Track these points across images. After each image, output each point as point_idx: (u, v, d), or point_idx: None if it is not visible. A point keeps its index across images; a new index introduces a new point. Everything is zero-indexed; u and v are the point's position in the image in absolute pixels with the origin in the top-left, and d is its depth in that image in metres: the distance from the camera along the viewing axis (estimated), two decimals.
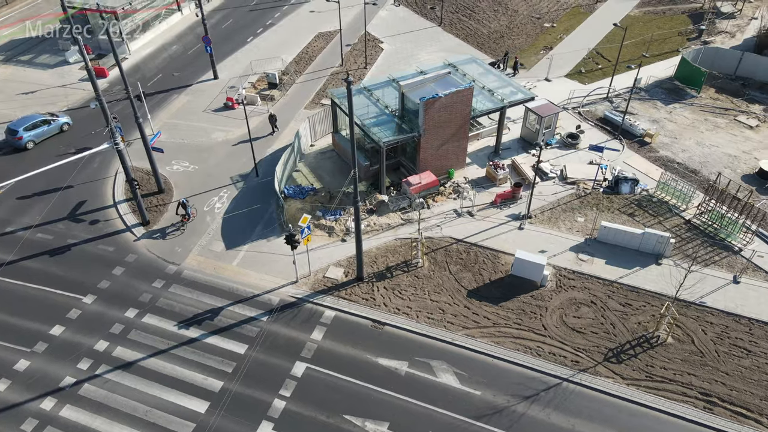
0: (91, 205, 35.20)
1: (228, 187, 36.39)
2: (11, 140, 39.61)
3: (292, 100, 45.03)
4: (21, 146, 39.63)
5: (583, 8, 58.81)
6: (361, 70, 48.84)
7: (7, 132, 39.86)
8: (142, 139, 33.34)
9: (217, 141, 40.58)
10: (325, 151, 39.21)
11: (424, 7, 59.69)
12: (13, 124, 40.13)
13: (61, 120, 41.58)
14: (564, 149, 38.35)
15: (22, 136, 39.49)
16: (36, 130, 40.20)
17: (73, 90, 46.69)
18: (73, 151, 39.62)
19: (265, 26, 56.96)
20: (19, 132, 39.47)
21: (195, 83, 47.57)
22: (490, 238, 31.95)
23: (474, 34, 54.25)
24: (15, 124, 40.20)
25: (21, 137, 39.46)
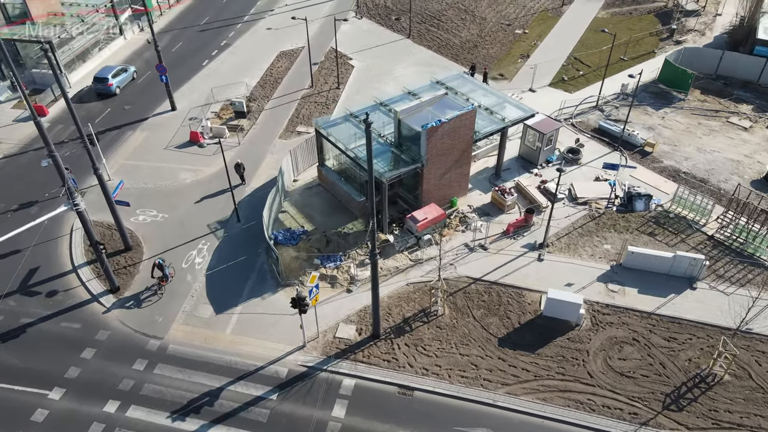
0: (46, 272, 30.06)
1: (207, 237, 32.05)
2: (102, 87, 44.81)
3: (264, 130, 40.93)
4: (111, 92, 44.89)
5: (550, 12, 57.42)
6: (334, 91, 45.28)
7: (96, 80, 44.97)
8: (103, 192, 28.61)
9: (186, 183, 36.02)
10: (310, 185, 35.41)
11: (388, 18, 56.73)
12: (100, 73, 45.35)
13: (131, 69, 47.29)
14: (566, 165, 36.22)
15: (112, 83, 44.83)
16: (119, 77, 45.61)
17: (7, 132, 40.82)
18: (15, 207, 34.28)
19: (220, 47, 52.37)
20: (108, 79, 44.62)
21: (151, 116, 42.61)
22: (510, 273, 29.18)
23: (446, 44, 51.68)
24: (102, 72, 45.46)
25: (111, 83, 44.78)
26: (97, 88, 44.83)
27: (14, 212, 34.00)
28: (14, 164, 37.81)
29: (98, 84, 44.73)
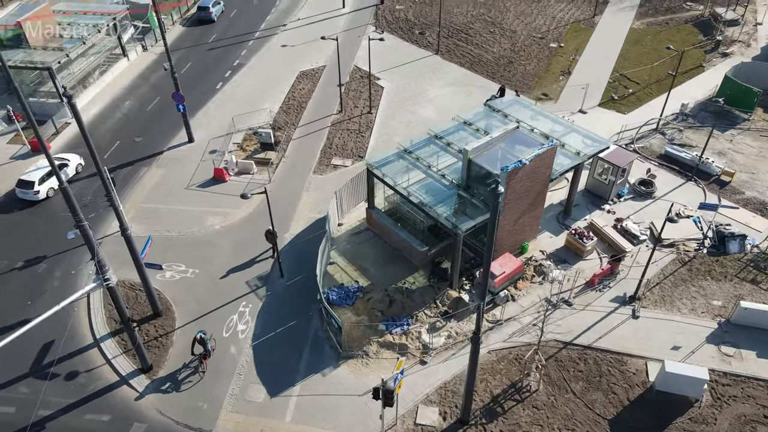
0: (62, 347, 25.61)
1: (247, 297, 27.90)
2: (204, 15, 53.80)
3: (295, 163, 36.82)
4: (212, 19, 53.79)
5: (582, 23, 54.11)
6: (366, 116, 41.32)
7: (199, 9, 53.96)
8: (131, 255, 24.34)
9: (215, 230, 31.81)
10: (358, 230, 31.37)
11: (412, 33, 52.93)
12: (203, 3, 54.10)
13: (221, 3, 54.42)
14: (639, 200, 32.74)
15: (212, 11, 53.77)
16: (217, 6, 54.24)
17: (4, 172, 36.13)
18: (20, 264, 29.80)
19: (233, 68, 48.13)
20: (209, 7, 53.31)
21: (166, 150, 38.30)
22: (604, 335, 25.45)
23: (478, 60, 48.01)
24: (204, 2, 54.12)
25: (211, 11, 53.87)
26: (200, 16, 53.79)
27: (20, 270, 29.52)
28: (16, 209, 33.20)
29: (201, 12, 53.61)
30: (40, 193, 33.27)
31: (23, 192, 33.18)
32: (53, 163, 20.39)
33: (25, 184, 33.12)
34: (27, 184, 33.11)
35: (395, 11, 57.19)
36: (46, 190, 33.46)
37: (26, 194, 33.17)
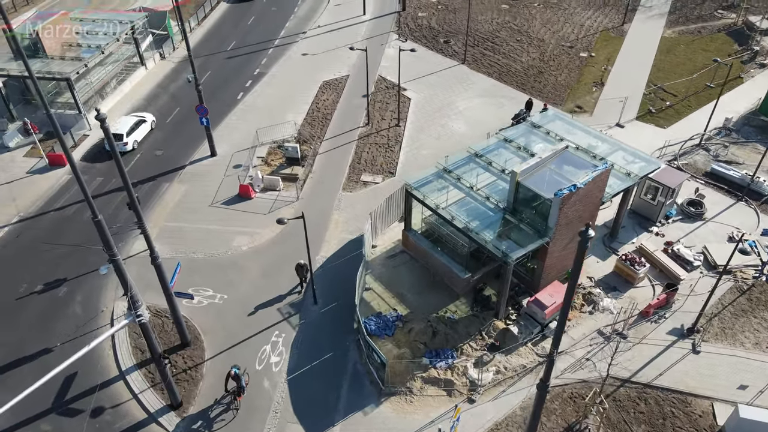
0: (86, 380, 24.07)
1: (279, 326, 26.35)
2: None
3: (323, 180, 35.31)
4: None
5: (612, 32, 52.49)
6: (394, 129, 39.79)
7: None
8: (161, 283, 22.85)
9: (242, 251, 30.31)
10: (393, 253, 29.77)
11: (436, 41, 51.42)
12: None
13: None
14: (687, 221, 31.09)
15: None
16: None
17: (21, 187, 34.83)
18: (39, 288, 28.35)
19: (254, 77, 46.72)
20: None
21: (188, 164, 36.88)
22: (664, 372, 23.76)
23: (507, 71, 46.44)
24: None
25: None
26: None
27: (39, 294, 28.08)
28: (33, 229, 31.79)
29: None
30: (128, 145, 37.40)
31: None
32: (80, 178, 18.94)
33: (115, 137, 35.15)
34: (116, 137, 36.36)
35: (418, 18, 55.74)
36: (132, 142, 37.64)
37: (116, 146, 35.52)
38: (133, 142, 37.74)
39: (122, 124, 37.91)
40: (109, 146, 18.81)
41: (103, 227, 18.17)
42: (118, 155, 18.81)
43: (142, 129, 38.80)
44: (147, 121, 39.44)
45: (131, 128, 37.79)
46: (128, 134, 37.40)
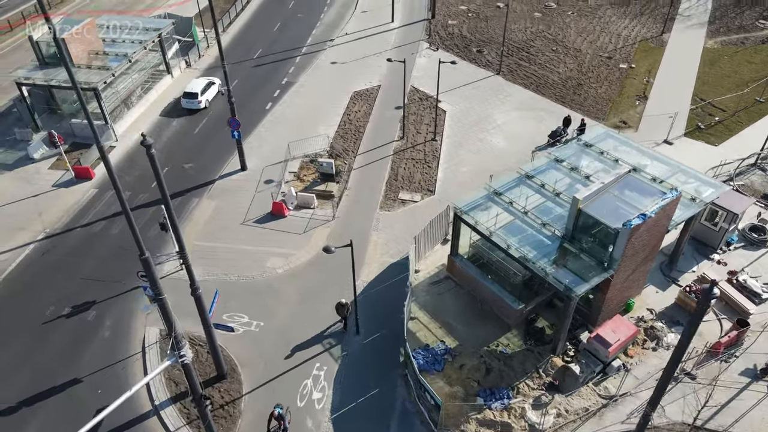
0: (117, 415, 22.50)
1: (320, 357, 24.83)
2: None
3: (359, 197, 33.78)
4: None
5: (651, 42, 50.63)
6: (430, 143, 38.23)
7: None
8: (200, 315, 21.41)
9: (278, 274, 28.85)
10: (437, 278, 28.17)
11: (469, 50, 49.82)
12: None
13: None
14: (750, 248, 29.23)
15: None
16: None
17: (47, 201, 33.61)
18: (67, 311, 27.01)
19: (282, 86, 45.38)
20: None
21: (218, 179, 35.54)
22: (739, 419, 21.96)
23: (544, 82, 44.74)
24: None
25: None
26: None
27: (67, 318, 26.75)
28: (61, 246, 30.48)
29: None
30: (201, 103, 41.72)
31: (189, 102, 41.58)
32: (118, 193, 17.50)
33: (190, 95, 41.57)
34: (191, 95, 41.58)
35: (448, 26, 54.19)
36: (204, 100, 41.88)
37: (191, 103, 41.58)
38: (205, 100, 42.01)
39: (195, 84, 42.36)
40: (154, 172, 17.43)
41: (150, 266, 16.72)
42: (162, 178, 17.47)
43: (212, 90, 42.89)
44: (215, 84, 43.46)
45: (203, 88, 42.08)
46: (201, 93, 41.79)
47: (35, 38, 38.00)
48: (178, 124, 40.59)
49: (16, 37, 53.54)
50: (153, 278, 16.39)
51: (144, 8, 60.14)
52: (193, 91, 41.69)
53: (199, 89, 41.77)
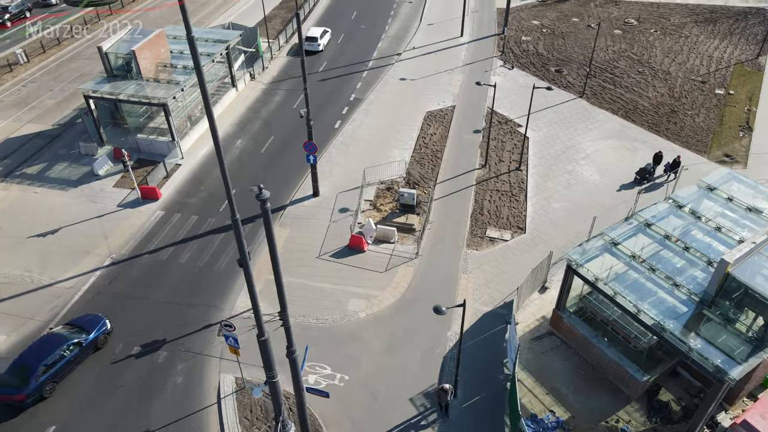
0: None
1: (415, 421, 22.20)
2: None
3: (443, 233, 30.98)
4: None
5: (746, 65, 46.73)
6: (515, 173, 35.34)
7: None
8: (293, 376, 19.00)
9: (360, 318, 26.36)
10: (539, 334, 25.28)
11: (546, 69, 46.80)
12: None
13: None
14: None
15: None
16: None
17: (112, 223, 31.91)
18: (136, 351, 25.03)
19: (350, 103, 43.17)
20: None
21: (288, 204, 33.41)
22: None
23: (633, 108, 41.38)
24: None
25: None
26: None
27: (136, 358, 24.71)
28: (128, 275, 28.63)
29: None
30: (320, 46, 49.97)
31: (309, 44, 49.42)
32: None
33: (311, 39, 49.63)
34: (312, 39, 49.66)
35: (522, 43, 51.24)
36: (323, 43, 50.50)
37: (312, 46, 49.55)
38: (323, 43, 50.48)
39: (313, 31, 50.47)
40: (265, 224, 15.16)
41: (267, 347, 14.39)
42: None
43: (327, 36, 51.47)
44: (329, 32, 52.18)
45: (321, 33, 50.36)
46: (320, 37, 50.09)
47: (104, 49, 36.56)
48: (243, 143, 38.65)
49: (75, 45, 52.82)
50: (269, 360, 14.03)
51: (206, 14, 58.98)
52: (314, 35, 49.62)
53: (318, 34, 49.82)
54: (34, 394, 22.30)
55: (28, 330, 25.69)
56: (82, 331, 24.39)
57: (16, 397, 21.98)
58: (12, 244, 30.36)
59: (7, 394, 22.06)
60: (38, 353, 22.98)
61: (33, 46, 51.49)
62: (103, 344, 24.78)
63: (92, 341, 24.36)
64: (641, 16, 55.65)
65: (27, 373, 22.26)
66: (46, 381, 22.65)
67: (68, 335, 23.91)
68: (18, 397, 21.96)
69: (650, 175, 34.15)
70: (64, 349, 23.35)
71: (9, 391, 22.04)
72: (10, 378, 22.29)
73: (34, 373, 22.31)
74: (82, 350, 23.95)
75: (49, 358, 22.84)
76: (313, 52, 49.66)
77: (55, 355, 23.05)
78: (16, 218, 32.15)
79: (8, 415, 22.30)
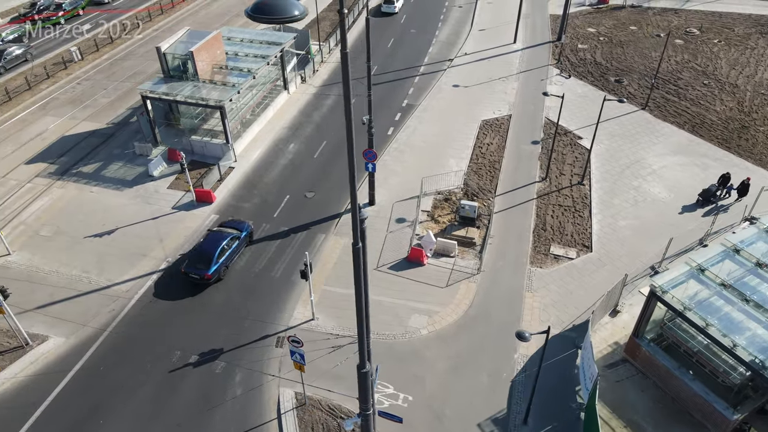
0: None
1: None
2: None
3: (505, 248, 29.77)
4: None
5: None
6: (577, 187, 33.99)
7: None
8: (361, 397, 18.13)
9: (421, 336, 25.32)
10: (612, 361, 23.89)
11: (604, 79, 45.19)
12: None
13: None
14: None
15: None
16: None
17: (167, 225, 31.63)
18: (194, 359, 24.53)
19: (402, 109, 42.35)
20: None
21: (344, 212, 32.68)
22: None
23: (700, 122, 39.57)
24: None
25: None
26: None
27: (194, 367, 24.21)
28: (184, 280, 28.20)
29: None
30: (396, 8, 58.43)
31: (387, 6, 58.06)
32: None
33: (388, 1, 58.29)
34: (390, 1, 58.30)
35: (578, 51, 49.70)
36: (398, 6, 58.70)
37: (389, 8, 58.06)
38: (398, 6, 58.77)
39: None
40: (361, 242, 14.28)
41: (367, 379, 13.56)
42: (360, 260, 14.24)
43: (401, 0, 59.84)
44: None
45: None
46: (396, 0, 58.39)
47: (163, 50, 36.45)
48: (296, 147, 38.15)
49: (128, 44, 53.25)
50: (366, 392, 13.20)
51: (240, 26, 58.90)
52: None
53: None
54: (214, 275, 27.71)
55: (86, 334, 25.43)
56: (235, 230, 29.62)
57: (205, 276, 27.41)
58: (69, 244, 30.31)
59: (199, 274, 27.46)
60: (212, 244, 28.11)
61: (87, 44, 52.09)
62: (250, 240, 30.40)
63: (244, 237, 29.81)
64: (703, 25, 53.54)
65: (208, 259, 27.64)
66: (220, 266, 27.87)
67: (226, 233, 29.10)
68: (206, 276, 27.42)
69: (714, 198, 32.34)
70: (228, 242, 28.46)
71: (200, 272, 27.44)
72: (196, 262, 27.77)
73: (213, 259, 27.67)
74: (239, 243, 29.32)
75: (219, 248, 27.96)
76: (389, 14, 58.28)
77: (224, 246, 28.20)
78: (73, 217, 32.15)
79: None
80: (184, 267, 27.74)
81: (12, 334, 25.02)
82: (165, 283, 28.06)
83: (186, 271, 27.55)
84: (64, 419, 22.18)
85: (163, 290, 27.69)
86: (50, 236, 30.77)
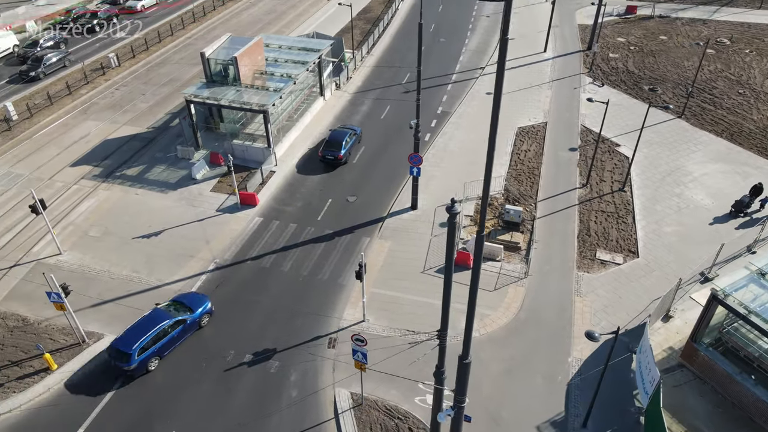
0: None
1: None
2: None
3: (550, 253, 29.74)
4: None
5: None
6: (619, 194, 34.01)
7: None
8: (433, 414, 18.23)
9: (474, 337, 25.30)
10: (668, 367, 23.78)
11: (638, 87, 45.30)
12: None
13: None
14: None
15: None
16: None
17: (213, 227, 31.91)
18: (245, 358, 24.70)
19: (438, 116, 42.66)
20: None
21: (387, 216, 32.90)
22: None
23: (739, 131, 39.52)
24: None
25: None
26: None
27: (249, 366, 24.36)
28: (233, 280, 28.36)
29: None
30: None
31: None
32: None
33: None
34: None
35: (610, 60, 49.90)
36: None
37: None
38: None
39: None
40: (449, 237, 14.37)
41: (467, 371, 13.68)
42: None
43: None
44: None
45: None
46: None
47: (207, 55, 37.03)
48: None
49: (162, 50, 54.08)
50: (463, 384, 13.32)
51: (285, 24, 59.74)
52: None
53: None
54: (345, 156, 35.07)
55: None
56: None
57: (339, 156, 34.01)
58: (118, 245, 30.70)
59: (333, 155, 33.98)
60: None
61: (123, 50, 52.98)
62: None
63: None
64: (733, 36, 53.62)
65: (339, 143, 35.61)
66: None
67: None
68: (339, 156, 33.97)
69: (747, 208, 32.16)
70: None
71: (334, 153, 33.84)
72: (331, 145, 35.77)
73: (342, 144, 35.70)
74: None
75: None
76: None
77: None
78: (119, 219, 32.57)
79: None
80: None
81: (69, 331, 25.39)
82: (216, 282, 28.33)
83: None
84: (124, 415, 22.38)
85: (212, 291, 27.96)
86: (99, 236, 31.21)
